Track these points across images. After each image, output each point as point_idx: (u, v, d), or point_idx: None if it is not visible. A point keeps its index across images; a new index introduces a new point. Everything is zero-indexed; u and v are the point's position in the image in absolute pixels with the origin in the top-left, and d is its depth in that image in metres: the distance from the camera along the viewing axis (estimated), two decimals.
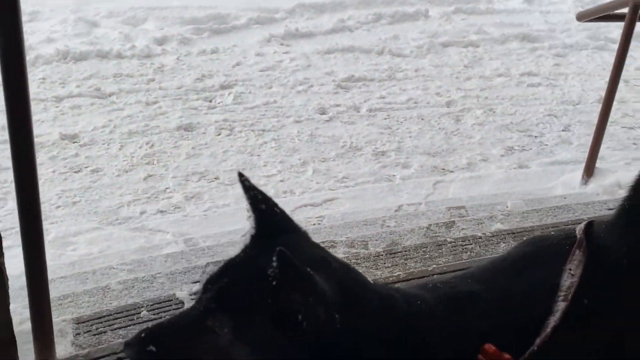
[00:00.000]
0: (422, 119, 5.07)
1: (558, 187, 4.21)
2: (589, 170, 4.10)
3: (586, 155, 4.54)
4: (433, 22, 6.65)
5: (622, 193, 4.34)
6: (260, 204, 1.27)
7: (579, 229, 1.51)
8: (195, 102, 5.01)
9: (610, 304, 1.44)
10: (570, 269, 1.41)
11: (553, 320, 1.33)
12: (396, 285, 1.82)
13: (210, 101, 5.09)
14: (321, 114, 5.06)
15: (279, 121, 4.94)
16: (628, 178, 4.50)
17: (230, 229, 3.73)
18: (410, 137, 4.86)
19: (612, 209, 3.52)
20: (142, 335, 1.18)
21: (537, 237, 1.56)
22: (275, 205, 1.29)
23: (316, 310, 1.12)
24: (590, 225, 1.54)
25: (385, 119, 5.05)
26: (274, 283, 1.11)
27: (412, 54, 5.98)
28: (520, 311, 1.36)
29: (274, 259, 1.10)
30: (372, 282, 1.30)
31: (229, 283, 1.19)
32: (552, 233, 1.57)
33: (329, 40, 6.11)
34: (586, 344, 1.42)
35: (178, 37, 5.83)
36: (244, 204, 4.64)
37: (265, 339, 1.14)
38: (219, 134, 4.73)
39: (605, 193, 3.90)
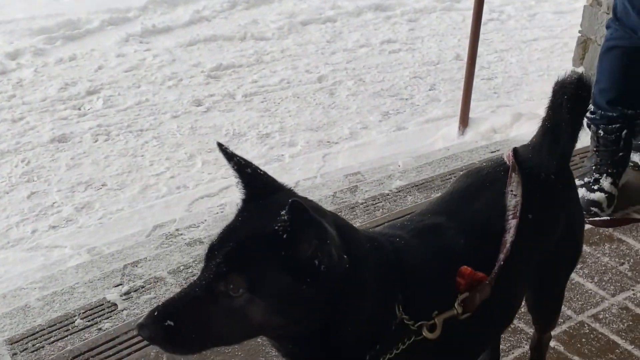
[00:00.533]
0: (298, 97, 5.14)
1: (439, 141, 4.44)
2: (464, 121, 4.35)
3: (455, 109, 4.84)
4: (288, 2, 6.71)
5: (498, 137, 4.62)
6: (246, 168, 1.28)
7: (507, 155, 1.65)
8: (64, 112, 4.79)
9: (549, 214, 1.58)
10: (511, 190, 1.53)
11: (509, 237, 1.44)
12: None
13: (80, 109, 4.88)
14: (197, 106, 5.00)
15: (155, 119, 4.83)
16: (499, 123, 4.79)
17: (130, 232, 3.64)
18: (290, 116, 4.91)
19: (493, 152, 3.79)
20: (155, 313, 1.16)
21: (472, 170, 1.68)
22: (258, 168, 1.31)
23: (330, 253, 1.15)
24: (515, 151, 1.66)
25: (262, 102, 5.07)
26: (286, 235, 1.13)
27: (275, 36, 6.02)
28: (482, 233, 1.46)
29: (285, 210, 1.12)
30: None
31: (236, 246, 1.18)
32: (484, 164, 1.69)
33: (189, 33, 6.02)
34: (536, 252, 1.56)
35: (31, 49, 5.52)
36: (139, 206, 4.50)
37: (283, 291, 1.16)
38: (96, 141, 4.55)
39: (483, 139, 4.16)
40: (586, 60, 3.77)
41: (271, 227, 1.15)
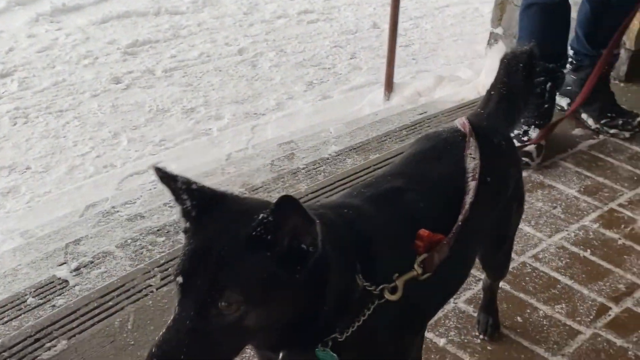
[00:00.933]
0: (220, 71, 5.10)
1: (366, 108, 4.52)
2: (389, 87, 4.44)
3: (377, 76, 4.94)
4: None
5: (423, 100, 4.75)
6: (191, 185, 1.22)
7: (462, 123, 1.70)
8: None
9: (503, 176, 1.70)
10: (470, 154, 1.60)
11: (469, 198, 1.52)
12: None
13: None
14: (116, 84, 4.89)
15: (74, 99, 4.69)
16: (423, 86, 4.91)
17: (62, 213, 3.55)
18: (213, 89, 4.87)
19: (421, 114, 3.90)
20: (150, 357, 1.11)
21: (430, 134, 1.74)
22: (196, 182, 1.25)
23: (313, 232, 1.17)
24: (469, 118, 1.73)
25: (183, 77, 5.01)
26: (271, 233, 1.14)
27: (190, 10, 5.92)
28: (442, 194, 1.54)
29: (273, 207, 1.13)
30: None
31: (221, 264, 1.15)
32: (441, 129, 1.75)
33: (101, 10, 5.83)
34: (491, 212, 1.66)
35: None
36: (67, 187, 4.39)
37: (278, 288, 1.17)
38: (14, 124, 4.39)
39: (409, 103, 4.27)
40: (504, 20, 3.93)
41: (248, 231, 1.14)
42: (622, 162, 2.89)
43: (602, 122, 3.09)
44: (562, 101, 3.16)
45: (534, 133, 2.82)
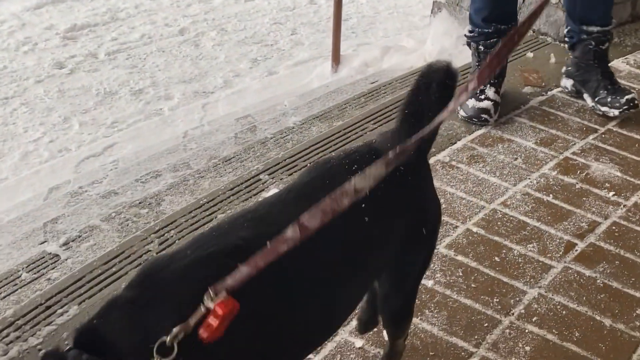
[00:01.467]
0: (164, 51, 5.10)
1: (314, 81, 4.63)
2: (336, 59, 4.57)
3: (320, 51, 5.09)
4: None
5: (371, 70, 4.88)
6: None
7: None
8: None
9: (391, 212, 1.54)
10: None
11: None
12: None
13: None
14: (60, 69, 4.83)
15: (19, 85, 4.61)
16: (370, 57, 5.05)
17: (23, 198, 3.53)
18: (159, 70, 4.88)
19: (373, 83, 4.04)
20: None
21: (319, 162, 1.56)
22: None
23: None
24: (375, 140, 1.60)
25: (127, 59, 4.99)
26: None
27: None
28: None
29: None
30: None
31: None
32: (335, 155, 1.58)
33: None
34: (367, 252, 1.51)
35: None
36: (24, 173, 4.35)
37: None
38: None
39: (357, 74, 4.41)
40: None
41: None
42: (571, 115, 3.11)
43: (596, 99, 3.10)
44: (566, 82, 3.24)
45: (490, 91, 3.00)
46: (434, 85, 1.52)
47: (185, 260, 1.26)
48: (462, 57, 3.62)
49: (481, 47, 3.06)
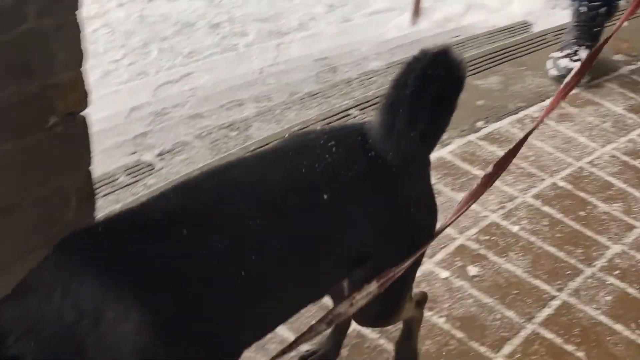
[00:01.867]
0: None
1: (391, 31, 4.62)
2: (417, 11, 4.55)
3: (396, 2, 5.04)
4: None
5: (451, 25, 4.86)
6: None
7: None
8: None
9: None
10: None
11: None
12: None
13: None
14: None
15: (101, 7, 4.69)
16: (451, 12, 5.02)
17: (104, 114, 3.58)
18: (236, 7, 4.91)
19: (454, 37, 4.03)
20: None
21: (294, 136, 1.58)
22: None
23: None
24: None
25: None
26: None
27: None
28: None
29: None
30: None
31: None
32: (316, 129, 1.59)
33: None
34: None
35: None
36: (104, 91, 4.40)
37: None
38: None
39: (437, 27, 4.39)
40: None
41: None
42: None
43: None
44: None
45: (583, 53, 2.99)
46: (412, 78, 1.38)
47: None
48: (550, 19, 3.61)
49: (583, 8, 3.03)
